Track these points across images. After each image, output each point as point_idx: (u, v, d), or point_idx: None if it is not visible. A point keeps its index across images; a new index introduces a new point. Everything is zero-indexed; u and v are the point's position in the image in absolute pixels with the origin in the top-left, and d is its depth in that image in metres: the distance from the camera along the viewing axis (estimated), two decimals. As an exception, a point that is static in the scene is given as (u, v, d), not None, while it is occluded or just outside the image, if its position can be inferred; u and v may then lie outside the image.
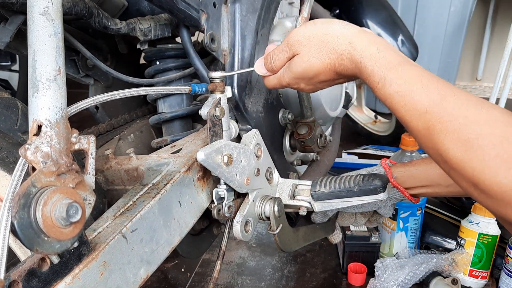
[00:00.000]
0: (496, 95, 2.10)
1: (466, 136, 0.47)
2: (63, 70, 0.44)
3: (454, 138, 0.48)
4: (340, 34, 0.58)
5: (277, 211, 0.72)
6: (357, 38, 0.57)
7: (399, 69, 0.54)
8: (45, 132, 0.42)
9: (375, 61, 0.55)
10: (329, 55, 0.59)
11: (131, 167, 0.68)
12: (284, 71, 0.65)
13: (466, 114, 0.48)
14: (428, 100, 0.51)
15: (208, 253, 1.29)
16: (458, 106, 0.49)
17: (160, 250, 0.57)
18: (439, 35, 2.08)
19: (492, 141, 0.45)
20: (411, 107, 0.52)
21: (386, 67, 0.54)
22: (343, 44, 0.58)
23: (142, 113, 0.97)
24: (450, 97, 0.50)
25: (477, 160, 0.46)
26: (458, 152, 0.48)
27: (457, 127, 0.48)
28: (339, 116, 1.08)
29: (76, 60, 0.85)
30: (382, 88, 0.54)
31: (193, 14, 0.67)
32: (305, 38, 0.61)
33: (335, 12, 1.46)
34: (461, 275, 1.10)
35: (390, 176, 0.81)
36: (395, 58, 0.55)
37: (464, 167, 0.47)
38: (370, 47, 0.56)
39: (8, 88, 2.24)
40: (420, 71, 0.53)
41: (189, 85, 0.67)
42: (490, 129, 0.46)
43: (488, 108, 0.48)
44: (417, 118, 0.51)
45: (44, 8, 0.43)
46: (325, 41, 0.59)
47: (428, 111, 0.50)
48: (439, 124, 0.49)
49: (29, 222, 0.37)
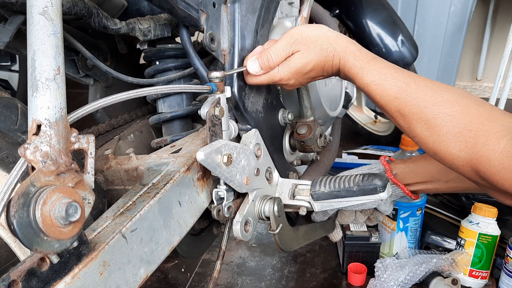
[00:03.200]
0: (496, 95, 2.10)
1: (425, 116, 0.60)
2: (62, 70, 0.44)
3: (417, 118, 0.61)
4: (327, 36, 0.69)
5: (277, 211, 0.72)
6: (340, 39, 0.69)
7: (373, 63, 0.66)
8: (45, 132, 0.42)
9: (355, 56, 0.67)
10: (321, 53, 0.68)
11: (130, 167, 0.68)
12: (280, 68, 0.70)
13: (425, 98, 0.60)
14: (396, 87, 0.63)
15: (208, 253, 1.29)
16: (418, 91, 0.61)
17: (160, 250, 0.57)
18: (439, 35, 2.08)
19: (444, 119, 0.58)
20: (384, 94, 0.64)
21: (363, 60, 0.66)
22: (331, 44, 0.68)
23: (142, 113, 0.97)
24: (412, 83, 0.62)
25: (435, 135, 0.59)
26: (421, 129, 0.61)
27: (419, 109, 0.60)
28: (339, 116, 1.08)
29: (76, 60, 0.85)
30: (361, 78, 0.66)
31: (192, 14, 0.67)
32: (303, 37, 0.69)
33: (335, 12, 1.46)
34: (461, 275, 1.10)
35: (389, 173, 0.82)
36: (369, 54, 0.67)
37: (426, 141, 0.61)
38: (350, 46, 0.68)
39: (8, 88, 2.24)
40: (389, 64, 0.66)
41: (207, 84, 0.67)
42: (442, 109, 0.59)
43: (442, 91, 0.60)
44: (390, 103, 0.63)
45: (44, 8, 0.43)
46: (318, 42, 0.68)
47: (397, 96, 0.62)
48: (406, 108, 0.62)
49: (28, 222, 0.37)
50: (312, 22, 1.15)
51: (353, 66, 0.67)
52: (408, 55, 1.48)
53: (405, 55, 1.48)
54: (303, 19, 0.81)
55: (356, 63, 0.66)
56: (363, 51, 0.68)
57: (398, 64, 1.64)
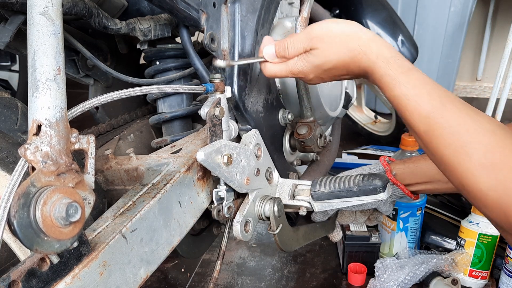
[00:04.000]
0: (496, 95, 2.10)
1: (457, 142, 0.52)
2: (62, 70, 0.44)
3: (448, 143, 0.53)
4: (359, 37, 0.63)
5: (277, 211, 0.72)
6: (374, 42, 0.62)
7: (409, 74, 0.58)
8: (45, 132, 0.42)
9: (389, 64, 0.60)
10: (347, 53, 0.63)
11: (131, 167, 0.68)
12: (298, 60, 0.67)
13: (460, 122, 0.53)
14: (430, 105, 0.55)
15: (208, 253, 1.29)
16: (455, 114, 0.54)
17: (160, 250, 0.57)
18: (439, 35, 2.08)
19: (477, 149, 0.51)
20: (415, 110, 0.56)
21: (397, 70, 0.59)
22: (361, 46, 0.62)
23: (142, 113, 0.97)
24: (449, 104, 0.55)
25: (464, 166, 0.52)
26: (449, 157, 0.53)
27: (451, 134, 0.53)
28: (339, 116, 1.08)
29: (76, 60, 0.85)
30: (392, 89, 0.59)
31: (193, 14, 0.67)
32: (327, 35, 0.64)
33: (335, 12, 1.46)
34: (461, 275, 1.10)
35: (389, 173, 0.82)
36: (406, 64, 0.60)
37: (454, 170, 0.53)
38: (384, 51, 0.61)
39: (8, 88, 2.24)
40: (426, 78, 0.58)
41: (203, 84, 0.67)
42: (477, 138, 0.51)
43: (479, 118, 0.53)
44: (419, 121, 0.56)
45: (44, 8, 0.43)
46: (345, 41, 0.63)
47: (429, 115, 0.55)
48: (437, 129, 0.54)
49: (29, 222, 0.37)
50: (312, 22, 1.15)
51: (384, 74, 0.60)
52: (408, 55, 1.48)
53: (405, 55, 1.47)
54: (303, 19, 0.81)
55: (389, 72, 0.59)
56: (399, 59, 0.61)
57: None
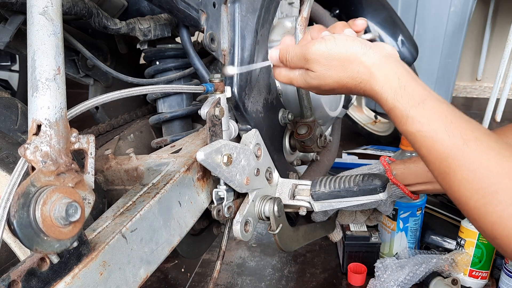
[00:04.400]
0: (496, 95, 2.10)
1: (486, 188, 0.46)
2: (62, 70, 0.44)
3: (474, 188, 0.47)
4: (360, 62, 0.56)
5: (277, 211, 0.72)
6: (378, 69, 0.55)
7: (422, 107, 0.51)
8: (45, 132, 0.42)
9: (397, 96, 0.53)
10: (347, 80, 0.57)
11: (131, 167, 0.68)
12: (299, 76, 0.64)
13: (487, 164, 0.46)
14: (450, 144, 0.48)
15: (208, 253, 1.29)
16: (480, 154, 0.47)
17: (160, 250, 0.57)
18: (439, 35, 2.08)
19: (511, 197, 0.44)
20: (433, 149, 0.50)
21: (408, 103, 0.52)
22: (362, 73, 0.56)
23: (142, 113, 0.97)
24: (472, 142, 0.48)
25: (496, 215, 0.45)
26: (478, 204, 0.46)
27: (478, 178, 0.46)
28: (339, 116, 1.08)
29: (76, 60, 0.85)
30: (404, 124, 0.52)
31: (192, 14, 0.67)
32: (324, 58, 0.58)
33: (335, 12, 1.46)
34: (461, 276, 1.10)
35: (389, 173, 0.82)
36: (418, 93, 0.52)
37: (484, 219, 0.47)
38: (391, 80, 0.54)
39: (8, 88, 2.24)
40: (444, 109, 0.51)
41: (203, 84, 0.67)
42: (510, 183, 0.45)
43: (510, 158, 0.46)
44: (439, 161, 0.50)
45: (44, 8, 0.43)
46: (344, 66, 0.57)
47: (449, 155, 0.48)
48: (460, 172, 0.48)
49: (29, 222, 0.37)
50: (312, 22, 1.15)
51: (393, 107, 0.53)
52: (408, 55, 1.48)
53: (405, 55, 1.48)
54: (303, 19, 0.81)
55: (398, 105, 0.52)
56: (409, 88, 0.52)
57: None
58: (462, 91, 2.81)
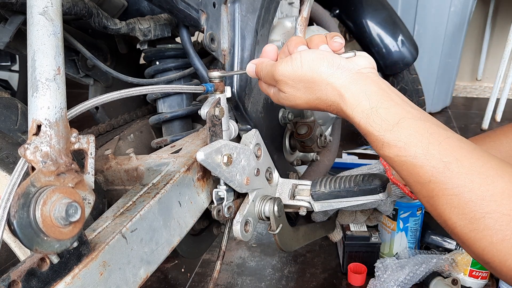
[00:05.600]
0: (496, 95, 2.10)
1: (472, 213, 0.44)
2: (62, 70, 0.44)
3: (460, 213, 0.45)
4: (327, 84, 0.53)
5: (277, 211, 0.72)
6: (346, 90, 0.51)
7: (397, 129, 0.48)
8: (45, 132, 0.42)
9: (369, 120, 0.49)
10: (317, 101, 0.55)
11: (131, 167, 0.68)
12: (273, 94, 0.63)
13: (471, 187, 0.44)
14: (430, 168, 0.46)
15: (208, 253, 1.29)
16: (462, 176, 0.44)
17: (160, 250, 0.57)
18: (439, 35, 2.08)
19: (498, 221, 0.42)
20: (414, 174, 0.47)
21: (382, 126, 0.49)
22: (331, 96, 0.53)
23: (142, 113, 0.97)
24: (453, 165, 0.45)
25: (486, 241, 0.43)
26: (466, 229, 0.44)
27: (462, 203, 0.44)
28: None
29: (76, 60, 0.85)
30: (380, 149, 0.50)
31: (192, 14, 0.67)
32: (291, 80, 0.56)
33: (335, 12, 1.46)
34: (461, 275, 1.10)
35: (389, 173, 0.82)
36: (392, 114, 0.49)
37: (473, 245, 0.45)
38: (361, 101, 0.50)
39: (8, 88, 2.24)
40: (421, 128, 0.48)
41: (203, 84, 0.66)
42: (495, 206, 0.43)
43: (494, 177, 0.44)
44: (421, 185, 0.47)
45: (44, 8, 0.43)
46: (312, 88, 0.54)
47: (431, 180, 0.46)
48: (444, 197, 0.45)
49: (29, 222, 0.37)
50: (312, 22, 1.15)
51: (367, 133, 0.50)
52: (408, 55, 1.48)
53: (405, 55, 1.48)
54: (303, 19, 0.81)
55: (371, 130, 0.49)
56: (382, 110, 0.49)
57: (398, 64, 1.63)
58: (462, 91, 2.81)
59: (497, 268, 0.44)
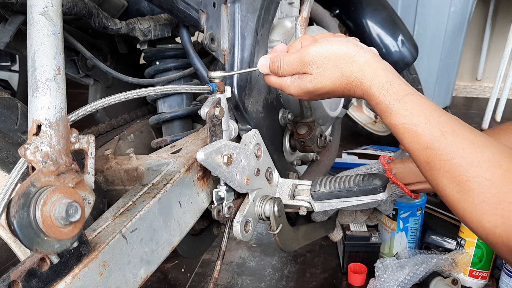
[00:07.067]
0: (496, 95, 2.10)
1: (460, 177, 0.50)
2: (62, 70, 0.44)
3: (450, 177, 0.51)
4: (353, 61, 0.60)
5: (277, 211, 0.72)
6: (368, 66, 0.59)
7: (404, 100, 0.55)
8: (45, 132, 0.42)
9: (383, 91, 0.57)
10: (341, 80, 0.61)
11: (131, 167, 0.68)
12: (290, 83, 0.66)
13: (462, 154, 0.50)
14: (429, 135, 0.53)
15: (208, 253, 1.29)
16: (456, 144, 0.51)
17: (160, 250, 0.57)
18: (439, 35, 2.08)
19: (481, 184, 0.48)
20: (414, 140, 0.54)
21: (393, 97, 0.56)
22: (355, 72, 0.60)
23: (142, 113, 0.97)
24: (449, 134, 0.52)
25: (468, 202, 0.49)
26: (453, 191, 0.51)
27: (453, 167, 0.50)
28: (339, 116, 1.08)
29: (76, 60, 0.85)
30: (388, 117, 0.57)
31: (192, 14, 0.67)
32: (321, 59, 0.61)
33: (335, 12, 1.46)
34: (461, 275, 1.10)
35: (389, 173, 0.82)
36: (402, 89, 0.57)
37: (457, 206, 0.51)
38: (379, 76, 0.58)
39: (8, 88, 2.24)
40: (424, 103, 0.55)
41: (208, 84, 0.66)
42: (481, 171, 0.49)
43: (483, 147, 0.50)
44: (419, 152, 0.54)
45: (44, 8, 0.43)
46: (339, 66, 0.61)
47: (429, 146, 0.53)
48: (438, 162, 0.52)
49: (29, 222, 0.37)
50: (312, 22, 1.15)
51: (379, 102, 0.57)
52: (408, 55, 1.48)
53: (405, 55, 1.48)
54: (303, 19, 0.81)
55: (383, 99, 0.57)
56: (395, 84, 0.57)
57: (398, 64, 1.63)
58: (462, 91, 2.81)
59: (474, 227, 0.50)
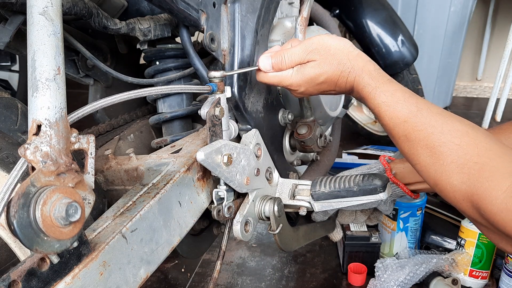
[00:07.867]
0: (496, 95, 2.10)
1: (431, 143, 0.57)
2: (62, 70, 0.44)
3: (423, 145, 0.58)
4: (349, 52, 0.68)
5: (277, 211, 0.72)
6: (361, 58, 0.68)
7: (388, 84, 0.64)
8: (45, 132, 0.42)
9: (371, 76, 0.65)
10: (338, 67, 0.67)
11: (131, 167, 0.68)
12: (293, 72, 0.69)
13: (434, 125, 0.57)
14: (407, 111, 0.60)
15: (208, 253, 1.29)
16: (429, 117, 0.58)
17: (160, 250, 0.57)
18: (439, 35, 2.08)
19: (450, 148, 0.55)
20: (394, 116, 0.62)
21: (378, 81, 0.65)
22: (351, 60, 0.67)
23: (142, 113, 0.97)
24: (424, 110, 0.60)
25: (438, 164, 0.56)
26: (425, 157, 0.57)
27: (426, 135, 0.57)
28: (339, 116, 1.08)
29: (76, 60, 0.85)
30: (373, 98, 0.64)
31: (192, 14, 0.67)
32: (323, 48, 0.68)
33: (335, 12, 1.46)
34: (461, 275, 1.10)
35: (389, 172, 0.82)
36: (386, 76, 0.66)
37: (428, 169, 0.57)
38: (369, 65, 0.67)
39: (8, 88, 2.24)
40: (404, 88, 0.64)
41: (208, 84, 0.67)
42: (450, 138, 0.55)
43: (452, 120, 0.57)
44: (398, 126, 0.61)
45: (44, 8, 0.43)
46: (337, 55, 0.68)
47: (406, 120, 0.60)
48: (414, 133, 0.59)
49: (29, 222, 0.37)
50: (312, 22, 1.15)
51: (367, 85, 0.65)
52: (408, 55, 1.48)
53: (405, 55, 1.48)
54: (303, 19, 0.81)
55: (371, 82, 0.65)
56: (381, 72, 0.66)
57: (398, 64, 1.64)
58: (462, 91, 2.81)
59: (443, 186, 0.55)
